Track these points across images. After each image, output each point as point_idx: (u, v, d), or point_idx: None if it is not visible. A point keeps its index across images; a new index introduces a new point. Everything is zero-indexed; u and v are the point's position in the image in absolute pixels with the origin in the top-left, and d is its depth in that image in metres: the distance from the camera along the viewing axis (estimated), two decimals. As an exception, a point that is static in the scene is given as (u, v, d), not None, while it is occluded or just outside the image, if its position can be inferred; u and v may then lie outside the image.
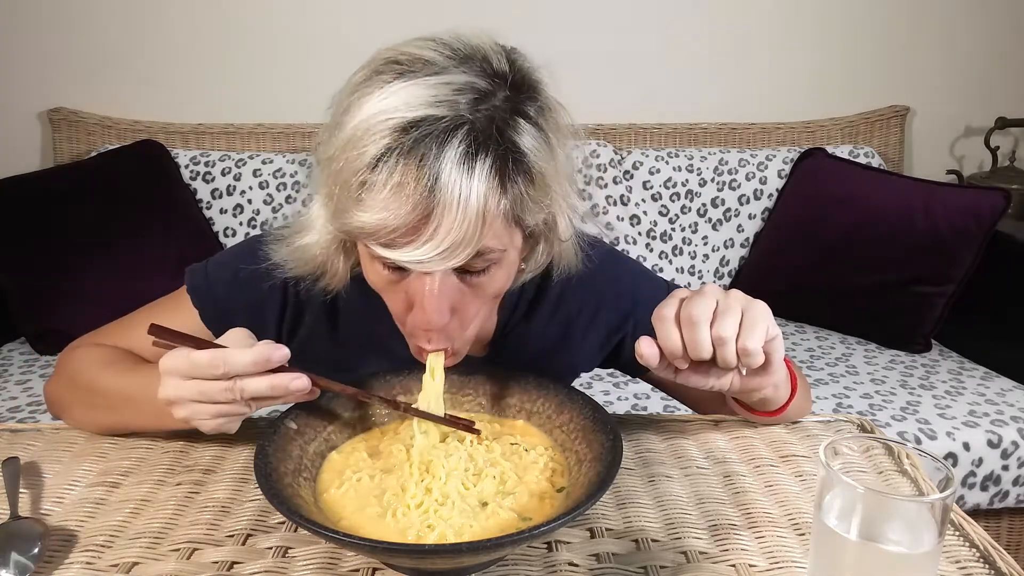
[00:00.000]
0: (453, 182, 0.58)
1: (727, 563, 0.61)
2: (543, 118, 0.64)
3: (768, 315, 0.64)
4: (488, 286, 0.67)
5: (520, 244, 0.68)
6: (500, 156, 0.60)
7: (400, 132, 0.58)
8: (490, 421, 0.75)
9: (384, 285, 0.68)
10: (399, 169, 0.58)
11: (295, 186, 2.10)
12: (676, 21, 2.26)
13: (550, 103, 0.66)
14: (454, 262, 0.61)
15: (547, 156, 0.64)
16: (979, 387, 1.74)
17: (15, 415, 1.57)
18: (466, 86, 0.60)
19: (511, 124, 0.61)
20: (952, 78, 2.36)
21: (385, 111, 0.59)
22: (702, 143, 2.28)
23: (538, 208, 0.65)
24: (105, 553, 0.62)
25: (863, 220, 1.94)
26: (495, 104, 0.61)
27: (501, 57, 0.64)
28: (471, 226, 0.59)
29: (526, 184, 0.62)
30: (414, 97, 0.59)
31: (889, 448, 0.75)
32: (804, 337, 1.99)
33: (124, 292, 1.85)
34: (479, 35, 0.65)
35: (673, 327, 0.64)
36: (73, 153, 2.17)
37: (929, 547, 0.48)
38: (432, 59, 0.61)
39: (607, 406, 1.64)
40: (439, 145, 0.58)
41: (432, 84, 0.60)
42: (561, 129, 0.67)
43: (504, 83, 0.62)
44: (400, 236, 0.60)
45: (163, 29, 2.17)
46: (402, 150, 0.58)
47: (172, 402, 0.64)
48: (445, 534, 0.58)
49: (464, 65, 0.62)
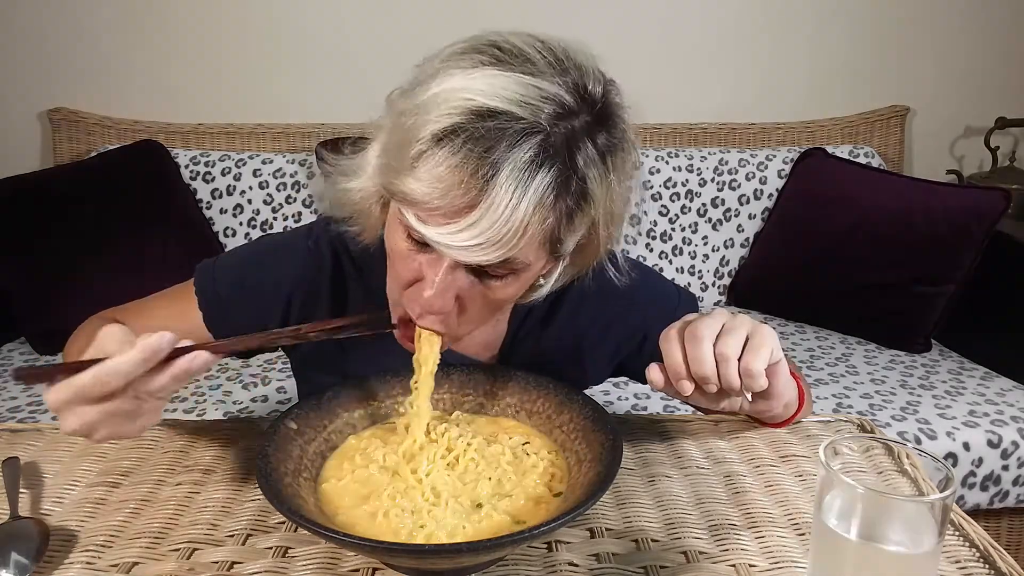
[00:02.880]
0: (509, 184, 0.57)
1: (727, 563, 0.61)
2: (612, 154, 0.63)
3: (774, 339, 0.64)
4: (499, 293, 0.66)
5: (542, 266, 0.67)
6: (562, 175, 0.59)
7: (476, 116, 0.57)
8: (490, 421, 0.75)
9: (400, 251, 0.66)
10: (463, 151, 0.57)
11: (295, 186, 2.10)
12: (676, 21, 2.26)
13: (625, 144, 0.65)
14: (482, 259, 0.60)
15: (603, 190, 0.63)
16: (979, 387, 1.73)
17: (15, 415, 1.57)
18: (555, 97, 0.59)
19: (581, 148, 0.60)
20: (952, 78, 2.36)
21: (469, 89, 0.58)
22: (702, 143, 2.28)
23: (576, 236, 0.65)
24: (105, 553, 0.62)
25: (863, 220, 1.94)
26: (575, 125, 0.60)
27: (598, 83, 0.63)
28: (511, 232, 0.58)
29: (575, 211, 0.62)
30: (502, 88, 0.58)
31: (889, 448, 0.75)
32: (804, 337, 1.99)
33: (124, 292, 1.84)
34: (585, 53, 0.64)
35: (677, 345, 0.64)
36: (73, 153, 2.17)
37: (929, 547, 0.48)
38: (533, 58, 0.60)
39: (607, 406, 1.64)
40: (509, 144, 0.57)
41: (523, 82, 0.59)
42: (627, 171, 0.66)
43: (591, 108, 0.62)
44: (440, 215, 0.59)
45: (163, 29, 2.17)
46: (472, 134, 0.57)
47: (84, 432, 0.58)
48: (437, 535, 0.58)
49: (561, 76, 0.60)
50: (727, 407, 0.68)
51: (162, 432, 0.81)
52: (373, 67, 2.11)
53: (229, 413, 1.61)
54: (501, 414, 0.76)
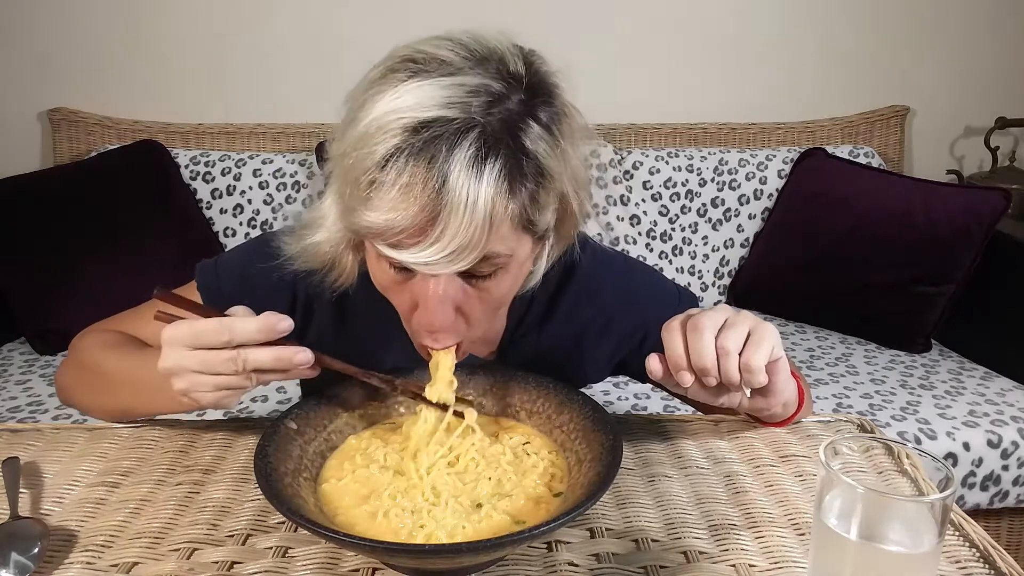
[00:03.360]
0: (461, 185, 0.57)
1: (727, 563, 0.61)
2: (557, 123, 0.64)
3: (775, 337, 0.65)
4: (494, 290, 0.67)
5: (529, 249, 0.68)
6: (510, 160, 0.59)
7: (411, 132, 0.58)
8: (490, 421, 0.75)
9: (389, 284, 0.68)
10: (408, 169, 0.58)
11: (295, 186, 2.10)
12: (676, 21, 2.26)
13: (566, 108, 0.65)
14: (460, 265, 0.60)
15: (559, 161, 0.63)
16: (979, 387, 1.74)
17: (15, 415, 1.57)
18: (480, 88, 0.60)
19: (523, 128, 0.61)
20: (952, 78, 2.36)
21: (397, 110, 0.59)
22: (702, 143, 2.28)
23: (548, 213, 0.65)
24: (105, 553, 0.62)
25: (863, 220, 1.94)
26: (509, 107, 0.60)
27: (518, 59, 0.63)
28: (478, 230, 0.58)
29: (536, 189, 0.62)
30: (427, 97, 0.58)
31: (889, 448, 0.75)
32: (804, 337, 1.99)
33: (124, 292, 1.84)
34: (497, 36, 0.64)
35: (679, 336, 0.64)
36: (73, 153, 2.17)
37: (929, 547, 0.48)
38: (448, 59, 0.61)
39: (607, 406, 1.64)
40: (449, 147, 0.57)
41: (446, 85, 0.59)
42: (575, 134, 0.66)
43: (519, 86, 0.62)
44: (407, 237, 0.59)
45: (163, 29, 2.17)
46: (412, 150, 0.58)
47: (172, 373, 0.63)
48: (437, 535, 0.58)
49: (480, 66, 0.61)
50: (725, 403, 0.68)
51: (162, 432, 0.81)
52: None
53: (229, 413, 1.61)
54: (501, 414, 0.76)
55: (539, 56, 0.66)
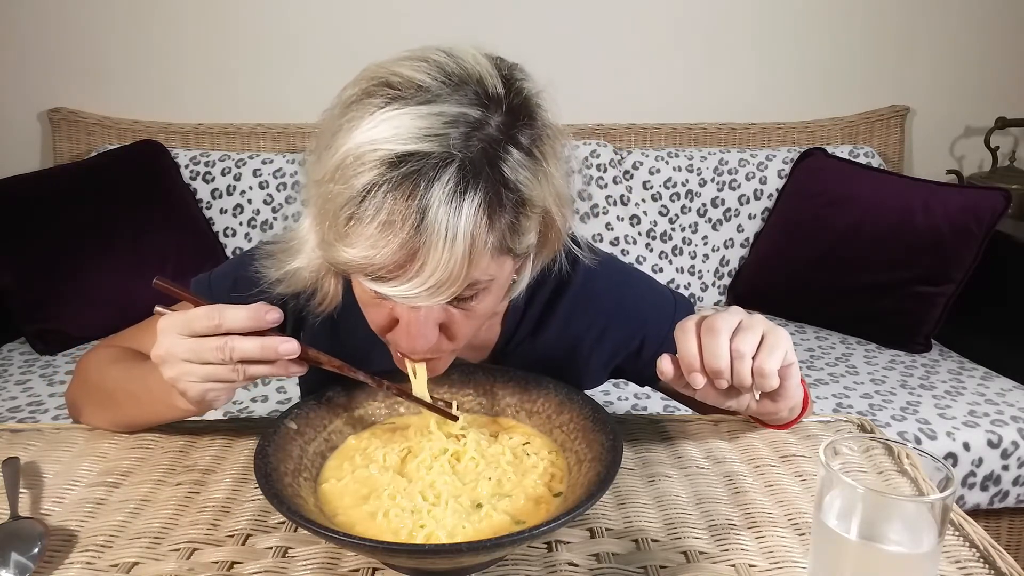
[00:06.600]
0: (440, 221, 0.56)
1: (727, 563, 0.61)
2: (538, 144, 0.62)
3: (788, 342, 0.65)
4: (478, 309, 0.66)
5: (511, 268, 0.67)
6: (490, 192, 0.58)
7: (388, 166, 0.56)
8: (490, 421, 0.75)
9: (369, 301, 0.67)
10: (386, 205, 0.57)
11: (295, 186, 2.09)
12: (676, 21, 2.26)
13: (547, 129, 0.64)
14: (441, 299, 0.60)
15: (540, 184, 0.62)
16: (979, 387, 1.73)
17: (15, 415, 1.57)
18: (459, 118, 0.58)
19: (503, 157, 0.59)
20: (952, 78, 2.36)
21: (373, 141, 0.57)
22: (702, 143, 2.28)
23: (530, 236, 0.64)
24: (105, 553, 0.62)
25: (863, 220, 1.94)
26: (488, 133, 0.59)
27: (497, 81, 0.61)
28: (457, 264, 0.57)
29: (516, 218, 0.61)
30: (404, 129, 0.57)
31: (889, 448, 0.75)
32: (804, 337, 1.99)
33: (124, 292, 1.86)
34: (476, 55, 0.62)
35: (693, 337, 0.64)
36: (73, 153, 2.17)
37: (929, 547, 0.48)
38: (425, 83, 0.59)
39: (607, 406, 1.64)
40: (427, 182, 0.56)
41: (423, 114, 0.58)
42: (557, 155, 0.65)
43: (499, 108, 0.60)
44: (387, 272, 0.59)
45: (163, 29, 2.17)
46: (390, 185, 0.56)
47: (163, 360, 0.64)
48: (437, 534, 0.58)
49: (458, 92, 0.59)
50: (734, 406, 0.68)
51: (162, 432, 0.81)
52: (373, 67, 2.10)
53: (229, 413, 1.61)
54: (501, 414, 0.76)
55: (521, 72, 0.65)
